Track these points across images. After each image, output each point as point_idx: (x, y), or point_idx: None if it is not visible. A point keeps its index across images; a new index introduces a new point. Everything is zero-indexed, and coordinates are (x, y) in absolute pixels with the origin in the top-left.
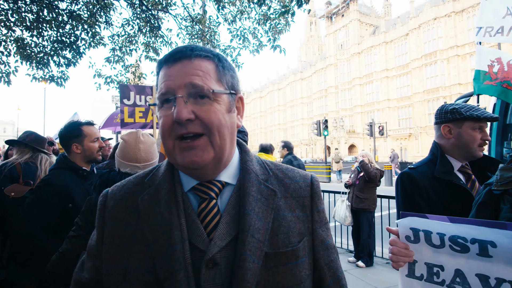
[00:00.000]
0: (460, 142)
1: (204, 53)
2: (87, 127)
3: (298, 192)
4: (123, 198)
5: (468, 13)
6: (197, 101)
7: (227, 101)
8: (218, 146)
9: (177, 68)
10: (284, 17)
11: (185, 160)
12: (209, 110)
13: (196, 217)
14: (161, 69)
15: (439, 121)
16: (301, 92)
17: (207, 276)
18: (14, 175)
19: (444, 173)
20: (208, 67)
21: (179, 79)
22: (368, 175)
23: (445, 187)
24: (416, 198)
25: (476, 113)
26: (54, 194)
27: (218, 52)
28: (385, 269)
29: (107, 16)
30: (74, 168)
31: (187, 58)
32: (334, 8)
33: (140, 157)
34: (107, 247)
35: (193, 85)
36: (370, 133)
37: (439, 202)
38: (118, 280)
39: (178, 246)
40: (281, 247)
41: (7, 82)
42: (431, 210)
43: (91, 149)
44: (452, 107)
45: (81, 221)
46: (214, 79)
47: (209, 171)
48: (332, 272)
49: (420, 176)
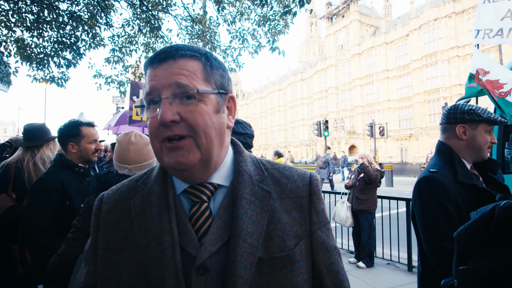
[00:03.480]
0: (473, 144)
1: (190, 53)
2: (86, 128)
3: (295, 192)
4: (117, 202)
5: (468, 14)
6: (183, 101)
7: (215, 102)
8: (204, 148)
9: (163, 68)
10: (283, 19)
11: (171, 160)
12: (194, 111)
13: (188, 221)
14: (147, 70)
15: (453, 120)
16: (301, 93)
17: (197, 283)
18: (5, 181)
19: (467, 177)
20: (194, 67)
21: (164, 79)
22: (369, 177)
23: (468, 191)
24: (446, 204)
25: (493, 117)
26: (51, 192)
27: (207, 51)
28: (385, 269)
29: (107, 17)
30: (71, 165)
31: (172, 58)
32: (335, 9)
33: (130, 158)
34: (101, 252)
35: (178, 84)
36: (370, 134)
37: (465, 207)
38: (111, 286)
39: (168, 252)
40: (276, 251)
41: (8, 83)
42: (459, 216)
43: (87, 150)
44: (468, 107)
45: (79, 223)
46: (201, 79)
47: (197, 173)
48: (332, 275)
49: (446, 180)
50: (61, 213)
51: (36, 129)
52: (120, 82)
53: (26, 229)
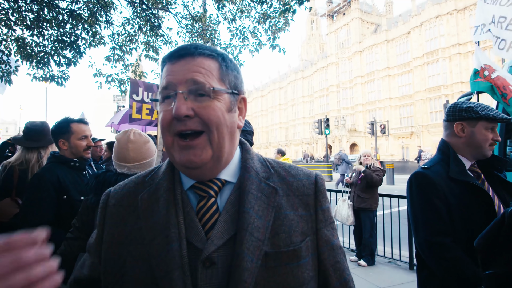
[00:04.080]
0: (472, 141)
1: (208, 52)
2: (76, 125)
3: (302, 190)
4: (124, 196)
5: (470, 11)
6: (197, 98)
7: (228, 100)
8: (216, 144)
9: (180, 64)
10: (284, 16)
11: (183, 158)
12: (208, 107)
13: (195, 215)
14: (165, 65)
15: (452, 118)
16: (302, 91)
17: (203, 276)
18: (9, 185)
19: (459, 173)
20: (211, 66)
21: (181, 75)
22: (373, 184)
23: (461, 188)
24: (434, 199)
25: (492, 114)
26: (47, 187)
27: (223, 52)
28: (387, 268)
29: (108, 15)
30: (65, 161)
31: (191, 56)
32: (336, 7)
33: (129, 156)
34: (106, 245)
35: (194, 81)
36: (371, 132)
37: (456, 203)
38: (115, 278)
39: (174, 245)
40: (282, 246)
41: (8, 82)
42: (449, 212)
43: (77, 147)
44: (467, 105)
45: (78, 222)
46: (216, 78)
47: (207, 171)
48: (338, 274)
49: (436, 176)
50: (59, 207)
51: (40, 129)
52: (120, 80)
53: (25, 225)
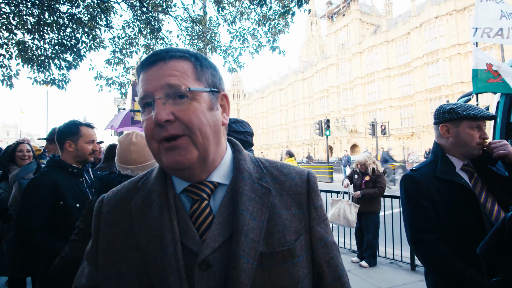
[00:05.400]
0: (458, 141)
1: (180, 54)
2: (85, 128)
3: (294, 189)
4: (117, 203)
5: (470, 11)
6: (176, 101)
7: (208, 99)
8: (201, 145)
9: (154, 71)
10: (283, 18)
11: (170, 160)
12: (188, 109)
13: (188, 219)
14: (140, 74)
15: (437, 121)
16: (302, 92)
17: (200, 278)
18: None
19: (446, 173)
20: (184, 67)
21: (155, 81)
22: (377, 196)
23: (448, 187)
24: (419, 199)
25: (472, 112)
26: (43, 192)
27: (196, 52)
28: (388, 269)
29: (108, 18)
30: (64, 166)
31: (162, 60)
32: (335, 8)
33: (131, 159)
34: (102, 253)
35: (170, 85)
36: (372, 133)
37: (443, 201)
38: (112, 286)
39: (169, 249)
40: (277, 246)
41: (9, 85)
42: (435, 210)
43: (84, 150)
44: (449, 107)
45: (83, 224)
46: (192, 78)
47: (196, 172)
48: (332, 270)
49: (421, 177)
50: (55, 213)
51: None
52: (121, 83)
53: (19, 229)
